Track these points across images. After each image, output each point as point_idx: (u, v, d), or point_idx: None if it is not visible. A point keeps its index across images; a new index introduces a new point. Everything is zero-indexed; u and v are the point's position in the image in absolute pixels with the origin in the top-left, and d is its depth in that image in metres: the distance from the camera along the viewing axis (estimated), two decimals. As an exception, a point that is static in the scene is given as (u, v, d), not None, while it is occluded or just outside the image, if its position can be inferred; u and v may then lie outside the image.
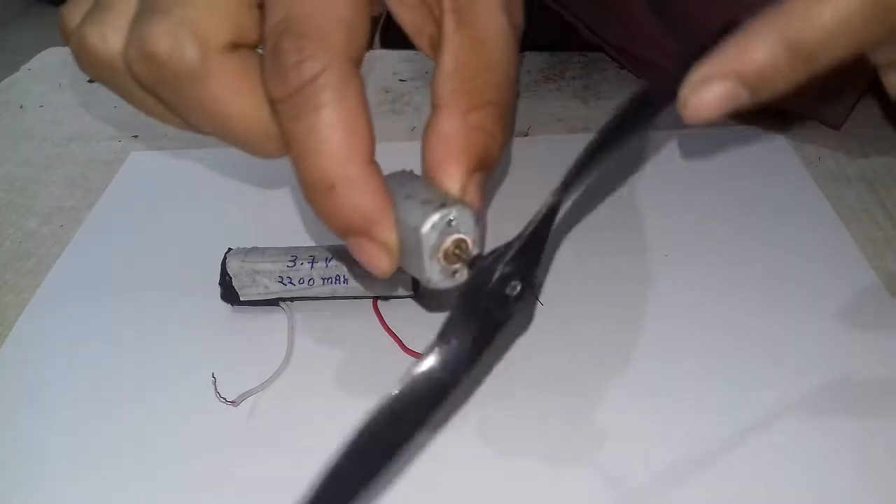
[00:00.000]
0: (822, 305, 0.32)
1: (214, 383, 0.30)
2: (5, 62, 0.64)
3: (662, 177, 0.40)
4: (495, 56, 0.23)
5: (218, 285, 0.32)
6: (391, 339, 0.31)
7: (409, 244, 0.22)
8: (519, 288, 0.23)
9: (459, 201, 0.22)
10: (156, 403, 0.30)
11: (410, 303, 0.33)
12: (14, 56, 0.64)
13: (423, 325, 0.32)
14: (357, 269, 0.31)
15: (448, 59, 0.23)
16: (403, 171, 0.24)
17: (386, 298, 0.33)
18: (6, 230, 0.40)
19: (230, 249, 0.33)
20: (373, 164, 0.21)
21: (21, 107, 0.51)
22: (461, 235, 0.22)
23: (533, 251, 0.23)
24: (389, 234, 0.22)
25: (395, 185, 0.23)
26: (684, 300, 0.33)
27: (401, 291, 0.32)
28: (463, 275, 0.23)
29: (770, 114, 0.42)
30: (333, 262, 0.31)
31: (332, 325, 0.33)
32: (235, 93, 0.21)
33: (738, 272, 0.34)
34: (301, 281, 0.32)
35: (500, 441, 0.28)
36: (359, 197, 0.21)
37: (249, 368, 0.30)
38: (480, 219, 0.23)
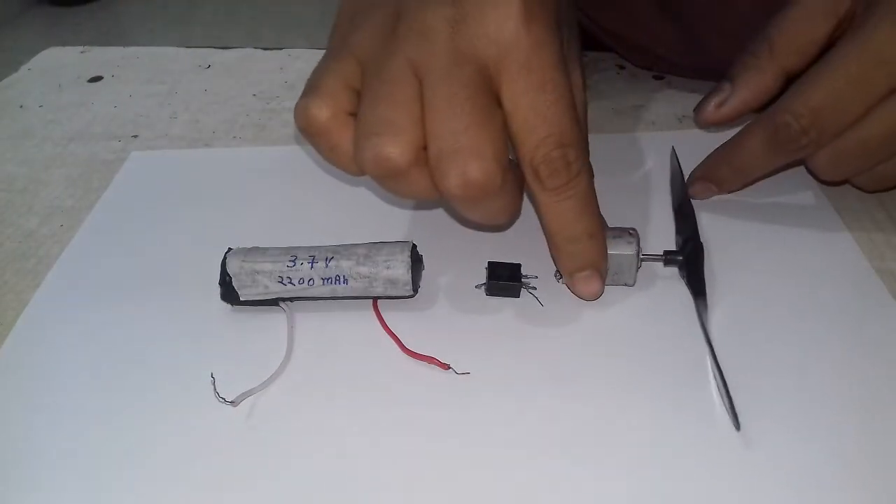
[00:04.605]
0: (823, 305, 0.32)
1: (213, 383, 0.30)
2: (5, 62, 0.64)
3: (661, 178, 0.40)
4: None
5: (218, 285, 0.32)
6: (391, 339, 0.31)
7: None
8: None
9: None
10: (155, 403, 0.30)
11: (410, 303, 0.33)
12: (13, 56, 0.64)
13: (423, 325, 0.32)
14: (357, 268, 0.31)
15: (543, 223, 0.31)
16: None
17: (386, 298, 0.33)
18: (6, 230, 0.40)
19: (230, 249, 0.33)
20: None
21: (21, 107, 0.51)
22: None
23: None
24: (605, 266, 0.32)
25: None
26: (683, 300, 0.33)
27: (401, 292, 0.32)
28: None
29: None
30: (333, 263, 0.31)
31: (332, 325, 0.33)
32: (516, 195, 0.30)
33: (737, 271, 0.34)
34: (301, 281, 0.32)
35: (500, 441, 0.28)
36: (603, 241, 0.31)
37: (249, 368, 0.30)
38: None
